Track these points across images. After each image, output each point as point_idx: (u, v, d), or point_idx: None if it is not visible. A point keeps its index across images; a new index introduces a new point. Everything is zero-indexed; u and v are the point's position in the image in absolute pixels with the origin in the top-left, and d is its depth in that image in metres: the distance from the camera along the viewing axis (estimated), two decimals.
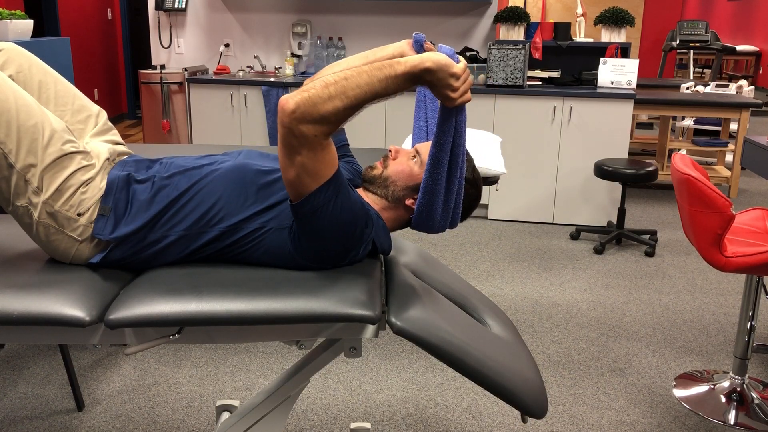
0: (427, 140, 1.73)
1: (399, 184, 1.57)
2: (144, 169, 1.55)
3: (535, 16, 8.52)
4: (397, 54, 1.58)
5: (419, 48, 1.58)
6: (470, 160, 1.61)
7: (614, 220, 4.62)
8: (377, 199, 1.58)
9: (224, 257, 1.50)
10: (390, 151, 1.61)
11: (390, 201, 1.57)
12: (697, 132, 6.52)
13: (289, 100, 1.28)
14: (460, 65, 1.34)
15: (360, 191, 1.61)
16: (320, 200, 1.36)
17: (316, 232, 1.40)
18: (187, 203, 1.48)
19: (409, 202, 1.56)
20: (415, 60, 1.32)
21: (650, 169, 4.03)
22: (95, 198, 1.46)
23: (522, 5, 7.85)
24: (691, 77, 7.99)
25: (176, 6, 5.40)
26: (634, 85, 4.64)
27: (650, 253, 4.11)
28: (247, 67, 5.38)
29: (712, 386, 2.58)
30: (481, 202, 4.78)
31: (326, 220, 1.38)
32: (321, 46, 5.26)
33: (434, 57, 1.32)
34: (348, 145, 1.81)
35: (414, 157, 1.58)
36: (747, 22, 9.93)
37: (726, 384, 2.56)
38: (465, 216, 1.63)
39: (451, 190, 1.47)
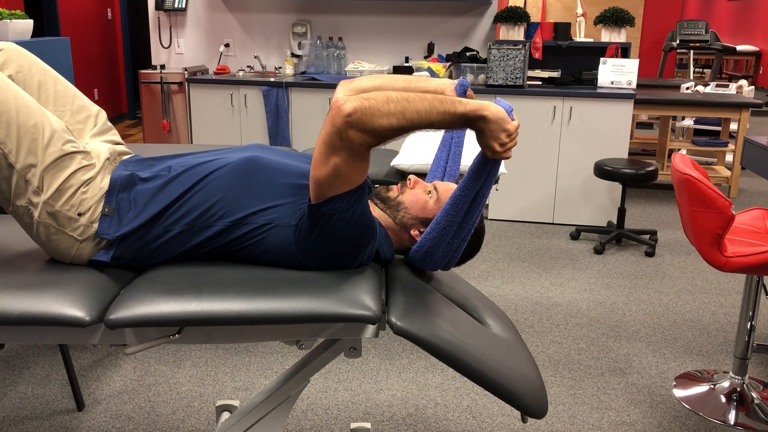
0: (443, 180, 1.76)
1: (411, 212, 1.58)
2: (147, 168, 1.55)
3: (535, 16, 8.51)
4: (439, 90, 1.60)
5: (462, 92, 1.60)
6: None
7: (614, 220, 4.62)
8: (384, 216, 1.60)
9: (226, 253, 1.50)
10: (409, 179, 1.63)
11: (396, 224, 1.59)
12: (697, 132, 6.52)
13: (347, 103, 1.27)
14: (515, 124, 1.36)
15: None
16: (342, 205, 1.37)
17: (328, 235, 1.40)
18: (192, 198, 1.48)
19: (414, 232, 1.58)
20: (475, 105, 1.34)
21: (650, 169, 4.03)
22: (96, 198, 1.46)
23: (522, 5, 7.85)
24: (691, 77, 7.99)
25: (176, 6, 5.40)
26: (634, 85, 4.64)
27: (650, 253, 4.11)
28: (247, 67, 5.38)
29: (712, 386, 2.58)
30: None
31: (342, 226, 1.39)
32: (321, 46, 5.26)
33: (493, 108, 1.35)
34: None
35: (430, 192, 1.60)
36: (747, 22, 9.93)
37: (726, 384, 2.56)
38: (461, 262, 1.65)
39: (460, 235, 1.49)
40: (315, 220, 1.40)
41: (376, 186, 1.70)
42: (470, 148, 2.36)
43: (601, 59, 4.68)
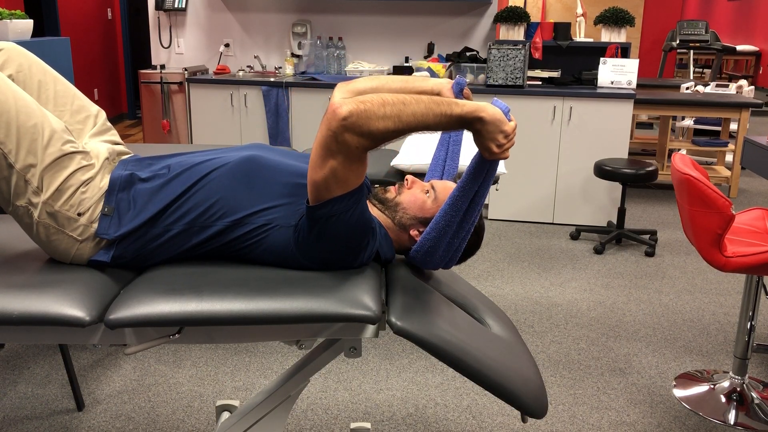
0: (442, 178, 1.75)
1: (409, 212, 1.58)
2: (146, 168, 1.55)
3: (535, 16, 8.51)
4: (435, 90, 1.59)
5: (458, 92, 1.60)
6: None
7: (614, 220, 4.62)
8: (383, 217, 1.60)
9: (226, 253, 1.50)
10: (407, 180, 1.63)
11: (395, 224, 1.59)
12: (697, 132, 6.52)
13: (343, 106, 1.26)
14: (512, 124, 1.36)
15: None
16: (340, 207, 1.37)
17: (325, 235, 1.40)
18: (191, 198, 1.48)
19: (413, 232, 1.58)
20: (472, 106, 1.33)
21: (650, 169, 4.03)
22: (95, 198, 1.46)
23: (522, 5, 7.85)
24: (691, 77, 7.99)
25: (176, 6, 5.40)
26: (634, 85, 4.64)
27: (650, 253, 4.11)
28: (247, 67, 5.38)
29: (712, 386, 2.58)
30: None
31: (340, 228, 1.39)
32: (321, 46, 5.26)
33: (490, 110, 1.34)
34: None
35: (428, 191, 1.60)
36: (747, 22, 9.93)
37: (726, 384, 2.56)
38: (461, 261, 1.65)
39: (459, 235, 1.49)
40: (313, 221, 1.40)
41: (375, 186, 1.70)
42: (469, 145, 2.36)
43: (601, 59, 4.68)
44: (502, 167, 2.60)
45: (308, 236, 1.42)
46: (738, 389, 2.52)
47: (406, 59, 5.21)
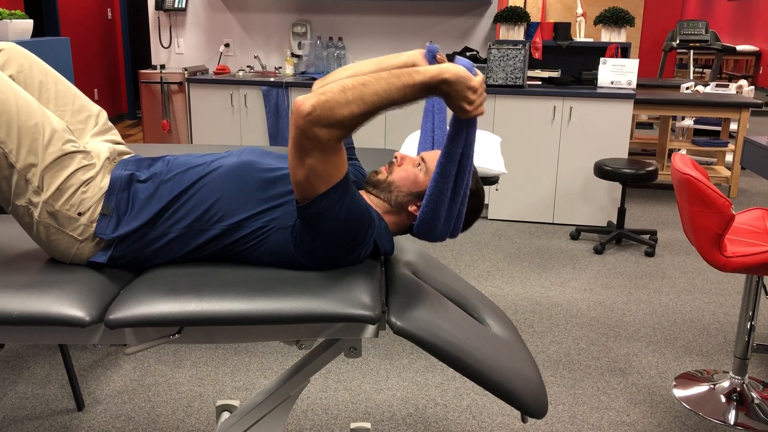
0: (433, 149, 1.73)
1: (403, 190, 1.57)
2: (146, 168, 1.55)
3: (535, 16, 8.51)
4: (409, 63, 1.57)
5: (432, 58, 1.57)
6: (475, 171, 1.61)
7: (614, 220, 4.62)
8: (380, 202, 1.59)
9: (225, 255, 1.50)
10: (395, 157, 1.61)
11: (392, 206, 1.58)
12: (697, 132, 6.52)
13: (305, 102, 1.26)
14: (478, 79, 1.34)
15: (362, 193, 1.61)
16: (327, 203, 1.36)
17: (320, 233, 1.40)
18: (188, 201, 1.48)
19: (411, 208, 1.57)
20: (433, 70, 1.32)
21: (650, 169, 4.03)
22: (96, 197, 1.46)
23: (522, 5, 7.85)
24: (691, 77, 7.99)
25: (176, 6, 5.40)
26: (634, 85, 4.64)
27: (650, 253, 4.11)
28: (247, 67, 5.38)
29: (712, 386, 2.58)
30: None
31: (331, 223, 1.38)
32: (321, 46, 5.26)
33: (453, 69, 1.32)
34: (354, 148, 1.81)
35: (419, 164, 1.59)
36: (747, 22, 9.93)
37: (726, 384, 2.56)
38: (466, 226, 1.64)
39: (456, 200, 1.47)
40: (305, 221, 1.40)
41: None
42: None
43: (601, 59, 4.68)
44: (501, 167, 2.60)
45: (304, 236, 1.42)
46: (738, 389, 2.52)
47: None
